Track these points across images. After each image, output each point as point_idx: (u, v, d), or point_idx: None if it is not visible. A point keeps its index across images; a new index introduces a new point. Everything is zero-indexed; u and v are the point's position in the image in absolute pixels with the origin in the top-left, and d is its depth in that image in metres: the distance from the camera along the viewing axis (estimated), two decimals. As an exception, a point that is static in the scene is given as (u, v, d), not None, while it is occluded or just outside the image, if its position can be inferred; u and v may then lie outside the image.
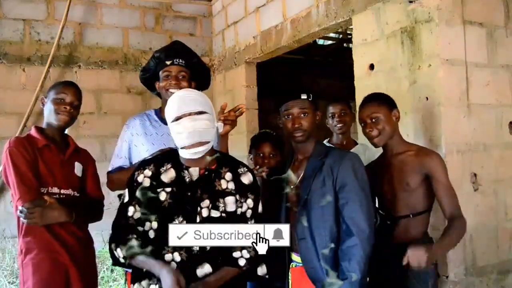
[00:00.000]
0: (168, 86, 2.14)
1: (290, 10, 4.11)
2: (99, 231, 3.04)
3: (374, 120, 2.08)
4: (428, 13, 2.71)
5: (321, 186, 1.88)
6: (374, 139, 2.10)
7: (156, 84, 2.24)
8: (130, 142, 2.21)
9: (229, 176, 1.74)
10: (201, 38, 5.57)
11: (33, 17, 4.76)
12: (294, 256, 1.96)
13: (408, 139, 2.32)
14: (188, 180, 1.71)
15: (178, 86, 2.07)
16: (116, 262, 1.70)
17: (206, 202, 1.68)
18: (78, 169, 2.24)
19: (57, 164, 2.16)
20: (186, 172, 1.72)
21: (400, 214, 2.06)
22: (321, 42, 6.67)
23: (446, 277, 2.56)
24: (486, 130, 2.79)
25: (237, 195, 1.71)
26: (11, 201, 2.11)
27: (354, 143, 2.89)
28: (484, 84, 2.80)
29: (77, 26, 4.95)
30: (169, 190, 1.69)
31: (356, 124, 3.16)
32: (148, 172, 1.72)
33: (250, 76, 4.95)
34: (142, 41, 5.22)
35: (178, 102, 1.69)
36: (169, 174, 1.71)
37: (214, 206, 1.68)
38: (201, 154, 1.69)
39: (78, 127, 4.66)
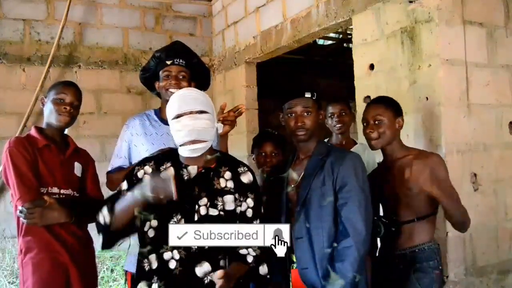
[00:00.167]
0: (168, 86, 2.14)
1: (290, 10, 4.11)
2: (99, 231, 3.05)
3: (377, 122, 2.07)
4: (428, 13, 2.71)
5: (321, 185, 1.87)
6: (372, 141, 2.09)
7: (156, 84, 2.24)
8: (129, 142, 2.21)
9: (228, 175, 1.74)
10: (201, 38, 5.57)
11: (33, 17, 4.76)
12: (294, 257, 1.93)
13: (408, 139, 2.32)
14: (186, 178, 1.71)
15: (178, 86, 2.07)
16: (99, 228, 1.67)
17: (204, 200, 1.67)
18: (77, 169, 2.24)
19: (57, 164, 2.16)
20: (184, 170, 1.72)
21: (404, 219, 2.04)
22: (321, 42, 6.67)
23: (446, 277, 2.56)
24: (486, 130, 2.79)
25: (236, 194, 1.71)
26: (11, 201, 2.10)
27: (354, 143, 2.89)
28: (484, 84, 2.80)
29: (77, 26, 4.95)
30: None
31: (356, 124, 3.17)
32: (148, 168, 1.73)
33: (250, 76, 4.95)
34: (142, 41, 5.22)
35: (179, 100, 1.69)
36: (168, 172, 1.71)
37: (212, 204, 1.67)
38: (199, 152, 1.69)
39: (78, 127, 4.66)
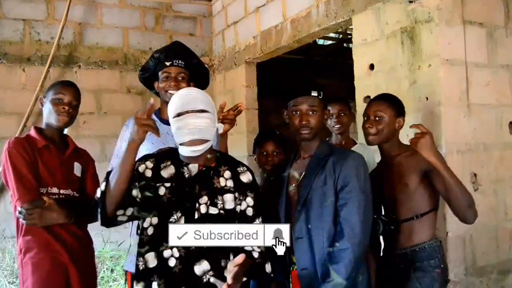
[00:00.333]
0: (167, 87, 2.15)
1: (290, 10, 4.11)
2: (99, 231, 3.04)
3: (377, 118, 2.08)
4: (428, 13, 2.71)
5: (322, 185, 1.84)
6: (370, 136, 2.10)
7: (155, 83, 2.24)
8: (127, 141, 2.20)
9: (228, 174, 1.75)
10: (201, 38, 5.57)
11: (33, 17, 4.76)
12: (294, 258, 1.90)
13: (408, 139, 2.31)
14: (187, 176, 1.72)
15: (177, 88, 2.07)
16: (96, 204, 1.67)
17: (205, 199, 1.68)
18: (77, 169, 2.24)
19: (56, 164, 2.16)
20: (185, 168, 1.73)
21: (403, 217, 2.03)
22: (321, 42, 6.66)
23: (447, 282, 2.56)
24: (486, 130, 2.79)
25: (236, 193, 1.72)
26: (11, 201, 2.10)
27: (354, 143, 2.89)
28: (484, 84, 2.80)
29: (77, 26, 4.95)
30: (168, 185, 1.70)
31: (356, 124, 3.17)
32: (149, 164, 1.73)
33: (250, 76, 4.95)
34: (142, 41, 5.22)
35: (180, 99, 1.70)
36: (168, 170, 1.72)
37: (213, 203, 1.68)
38: (199, 153, 1.69)
39: (78, 127, 4.66)
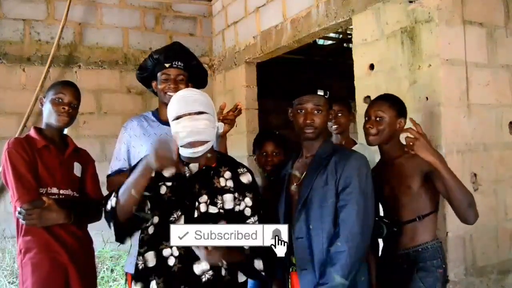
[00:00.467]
0: (166, 89, 2.15)
1: (290, 10, 4.11)
2: (99, 231, 3.03)
3: (378, 118, 2.08)
4: (428, 13, 2.71)
5: (323, 185, 1.82)
6: (370, 137, 2.10)
7: (153, 83, 2.24)
8: (128, 144, 2.21)
9: (228, 174, 1.76)
10: (201, 38, 5.57)
11: (33, 17, 4.76)
12: (294, 259, 1.88)
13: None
14: (188, 175, 1.73)
15: (176, 90, 2.06)
16: (106, 216, 1.67)
17: (204, 198, 1.69)
18: (77, 169, 2.24)
19: (56, 164, 2.16)
20: (186, 168, 1.74)
21: (406, 219, 2.03)
22: (321, 42, 6.67)
23: (447, 282, 2.56)
24: (486, 130, 2.79)
25: (235, 193, 1.73)
26: (11, 201, 2.10)
27: (354, 143, 2.89)
28: (484, 84, 2.80)
29: (77, 26, 4.95)
30: (169, 184, 1.71)
31: (356, 124, 3.17)
32: None
33: (250, 76, 4.95)
34: (142, 41, 5.22)
35: (179, 102, 1.70)
36: (169, 170, 1.72)
37: (212, 202, 1.69)
38: (200, 154, 1.70)
39: (78, 127, 4.67)
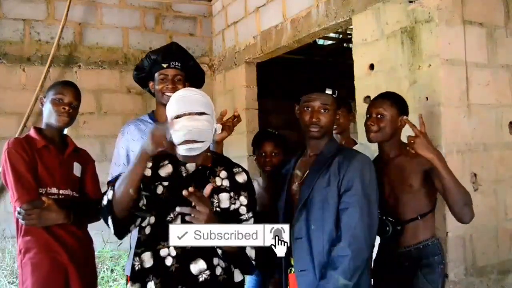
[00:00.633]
0: (164, 90, 2.14)
1: (290, 10, 4.11)
2: (99, 231, 3.04)
3: (379, 116, 2.09)
4: (428, 13, 2.71)
5: (325, 186, 1.78)
6: (371, 134, 2.10)
7: (150, 83, 2.24)
8: (127, 149, 2.19)
9: (224, 174, 1.76)
10: (201, 38, 5.57)
11: (33, 17, 4.76)
12: (293, 259, 1.84)
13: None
14: (184, 174, 1.73)
15: (174, 90, 2.06)
16: (103, 212, 1.67)
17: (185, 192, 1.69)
18: (77, 169, 2.24)
19: (56, 164, 2.16)
20: (182, 167, 1.74)
21: (408, 218, 2.03)
22: (321, 42, 6.66)
23: (446, 277, 2.56)
24: (486, 130, 2.79)
25: (231, 193, 1.73)
26: (11, 201, 2.10)
27: (354, 143, 2.89)
28: (484, 84, 2.80)
29: (77, 26, 4.95)
30: (166, 184, 1.71)
31: (356, 124, 3.17)
32: (148, 163, 1.73)
33: (250, 76, 4.95)
34: (142, 41, 5.22)
35: (179, 101, 1.70)
36: (166, 169, 1.74)
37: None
38: (196, 152, 1.69)
39: (78, 127, 4.67)
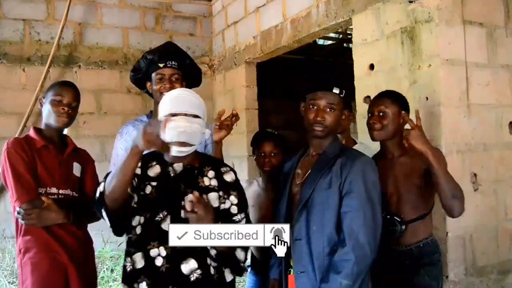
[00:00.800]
0: (162, 89, 2.14)
1: (290, 10, 4.11)
2: (99, 231, 3.03)
3: (381, 114, 2.09)
4: (428, 13, 2.71)
5: (326, 187, 1.74)
6: (374, 132, 2.11)
7: (147, 84, 2.24)
8: (126, 150, 2.18)
9: (211, 173, 1.77)
10: (201, 38, 5.57)
11: (33, 17, 4.77)
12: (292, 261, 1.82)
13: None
14: (172, 174, 1.74)
15: (172, 89, 2.05)
16: (96, 205, 1.66)
17: (190, 197, 1.68)
18: (77, 169, 2.24)
19: (55, 164, 2.15)
20: (170, 168, 1.75)
21: (411, 217, 2.04)
22: (321, 42, 6.67)
23: (446, 277, 2.56)
24: (486, 130, 2.79)
25: (220, 192, 1.74)
26: (11, 201, 2.10)
27: (354, 143, 2.88)
28: (484, 84, 2.80)
29: (77, 26, 4.95)
30: (154, 184, 1.72)
31: (356, 124, 3.17)
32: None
33: (250, 76, 4.95)
34: (142, 41, 5.22)
35: (175, 99, 1.70)
36: (154, 170, 1.75)
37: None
38: (184, 154, 1.70)
39: (78, 127, 4.67)
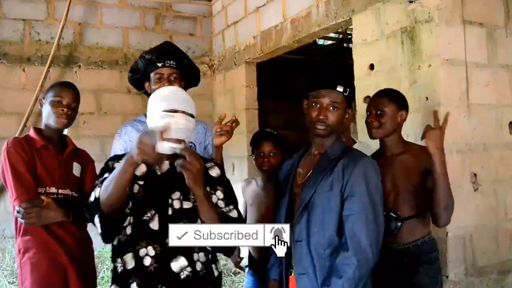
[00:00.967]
0: None
1: (290, 10, 4.11)
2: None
3: (379, 112, 2.10)
4: (428, 13, 2.71)
5: (328, 189, 1.70)
6: (373, 130, 2.11)
7: (145, 84, 2.24)
8: (125, 150, 2.17)
9: None
10: (201, 38, 5.57)
11: (33, 17, 4.76)
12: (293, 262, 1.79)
13: (408, 139, 2.32)
14: (159, 173, 1.74)
15: None
16: (90, 209, 1.65)
17: (177, 194, 1.70)
18: (76, 169, 2.24)
19: (55, 164, 2.16)
20: (157, 166, 1.74)
21: (408, 215, 2.04)
22: (321, 42, 6.66)
23: (446, 277, 2.56)
24: (486, 130, 2.79)
25: (206, 187, 1.72)
26: (11, 201, 2.11)
27: (354, 142, 2.88)
28: (484, 84, 2.80)
29: (77, 26, 4.95)
30: (141, 183, 1.71)
31: (356, 124, 3.17)
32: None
33: (250, 76, 4.95)
34: (142, 41, 5.22)
35: (174, 96, 1.69)
36: (140, 168, 1.73)
37: (185, 198, 1.71)
38: (177, 151, 1.68)
39: (78, 127, 4.67)
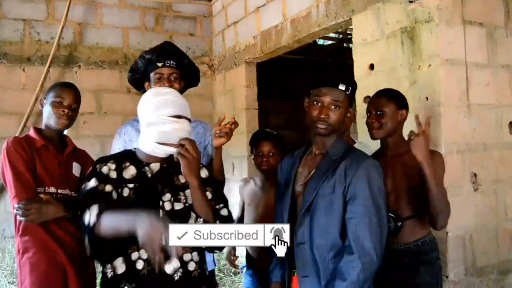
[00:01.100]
0: None
1: (290, 10, 4.12)
2: (99, 231, 3.05)
3: (379, 112, 2.10)
4: (428, 13, 2.71)
5: (330, 192, 1.67)
6: (373, 130, 2.11)
7: (145, 84, 2.24)
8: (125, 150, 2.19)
9: None
10: (201, 38, 5.57)
11: (33, 17, 4.77)
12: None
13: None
14: (149, 175, 1.72)
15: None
16: (83, 226, 1.60)
17: (168, 196, 1.69)
18: (76, 169, 2.24)
19: (55, 164, 2.16)
20: (147, 168, 1.73)
21: (408, 214, 2.05)
22: (321, 42, 6.66)
23: (446, 277, 2.56)
24: (486, 130, 2.79)
25: None
26: (11, 201, 2.11)
27: (353, 142, 2.88)
28: (484, 84, 2.80)
29: (77, 26, 4.95)
30: (131, 186, 1.69)
31: (356, 124, 3.17)
32: (111, 165, 1.71)
33: (250, 76, 4.95)
34: (142, 41, 5.22)
35: (177, 101, 1.69)
36: (129, 171, 1.71)
37: (176, 199, 1.70)
38: (168, 154, 1.71)
39: (78, 127, 4.67)
